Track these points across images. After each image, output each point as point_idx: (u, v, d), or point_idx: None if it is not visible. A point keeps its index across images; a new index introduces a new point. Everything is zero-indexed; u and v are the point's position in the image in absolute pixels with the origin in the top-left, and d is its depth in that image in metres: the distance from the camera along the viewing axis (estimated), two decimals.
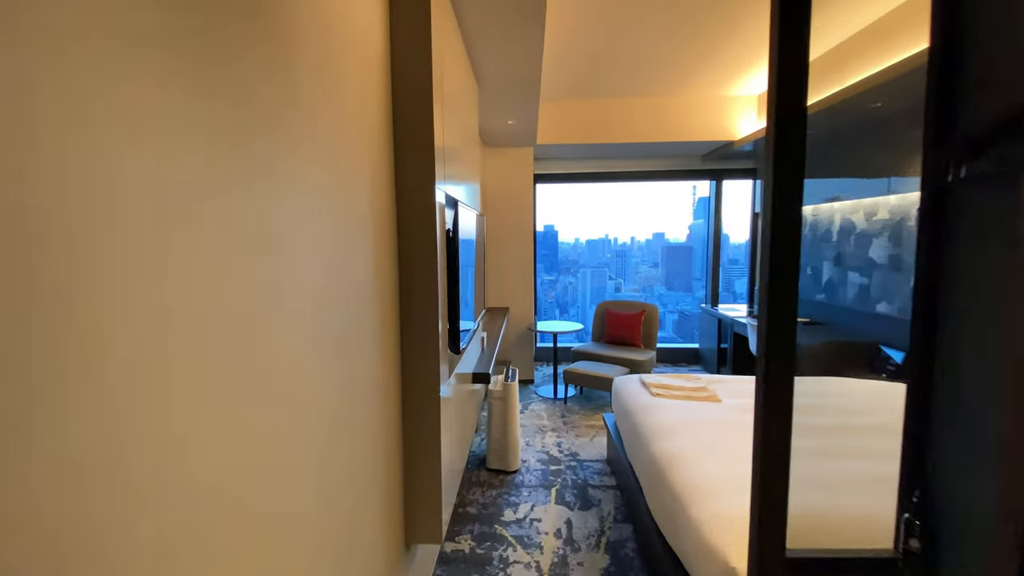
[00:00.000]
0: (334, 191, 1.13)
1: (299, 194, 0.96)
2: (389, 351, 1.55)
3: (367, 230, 1.35)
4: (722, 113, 4.63)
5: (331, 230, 1.12)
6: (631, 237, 32.65)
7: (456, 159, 2.15)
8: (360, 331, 1.30)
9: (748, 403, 2.57)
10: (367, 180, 1.36)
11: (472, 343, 2.75)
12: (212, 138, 0.69)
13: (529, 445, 3.45)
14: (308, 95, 1.01)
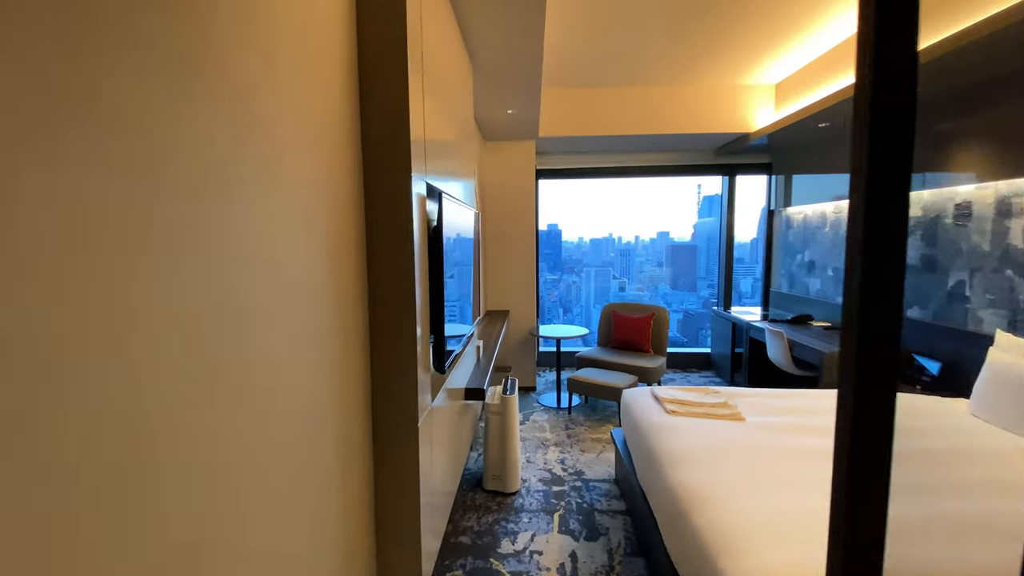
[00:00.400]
0: (251, 163, 0.86)
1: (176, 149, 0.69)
2: (350, 369, 1.27)
3: (313, 221, 1.08)
4: (737, 103, 4.34)
5: (242, 216, 0.84)
6: (635, 236, 32.20)
7: (445, 146, 1.88)
8: (301, 346, 1.03)
9: (776, 422, 2.29)
10: (316, 157, 1.09)
11: (466, 353, 2.48)
12: None
13: (530, 462, 3.18)
14: (221, 44, 0.73)
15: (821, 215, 4.36)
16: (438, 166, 1.73)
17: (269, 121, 0.89)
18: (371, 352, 1.37)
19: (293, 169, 0.98)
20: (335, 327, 1.19)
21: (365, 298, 1.35)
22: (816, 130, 4.02)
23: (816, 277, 4.44)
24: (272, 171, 0.90)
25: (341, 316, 1.24)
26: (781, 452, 1.97)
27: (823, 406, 2.48)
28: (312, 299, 1.07)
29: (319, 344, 1.10)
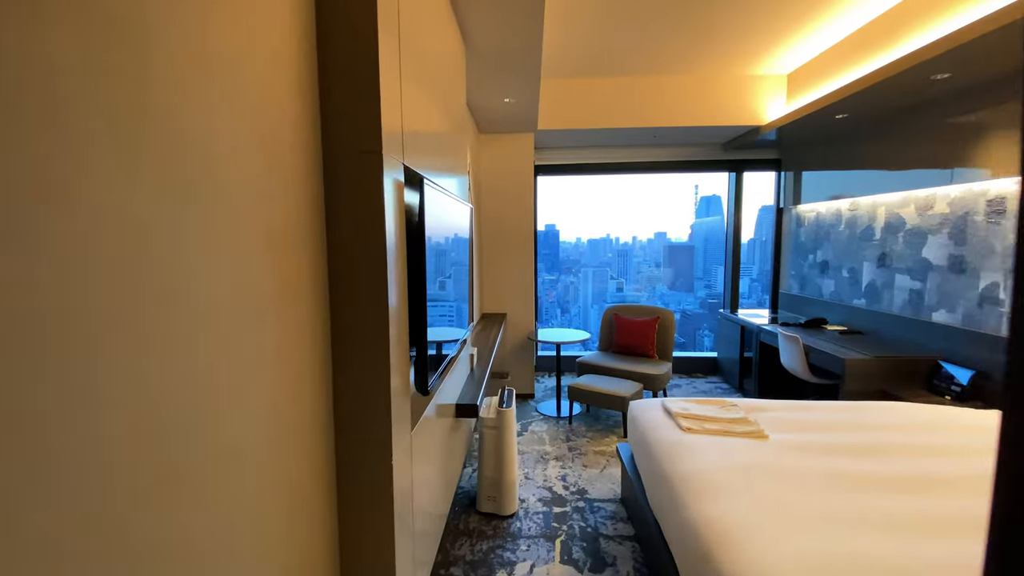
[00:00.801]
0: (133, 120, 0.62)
1: None
2: (304, 390, 1.03)
3: (249, 208, 0.84)
4: (747, 94, 4.11)
5: (142, 198, 0.60)
6: (633, 236, 32.05)
7: (430, 130, 1.64)
8: (235, 364, 0.79)
9: (804, 441, 2.05)
10: (261, 128, 0.85)
11: (459, 361, 2.24)
12: None
13: (529, 479, 2.94)
14: None
15: (836, 213, 4.14)
16: (421, 152, 1.48)
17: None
18: (333, 377, 1.13)
19: (207, 142, 0.74)
20: (281, 349, 0.95)
21: (325, 309, 1.11)
22: (831, 123, 3.79)
23: (830, 278, 4.22)
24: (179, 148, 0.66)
25: (291, 333, 1.00)
26: (815, 478, 1.73)
27: (855, 421, 2.25)
28: (244, 313, 0.83)
29: (255, 374, 0.86)
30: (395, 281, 1.18)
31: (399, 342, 1.21)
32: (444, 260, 1.90)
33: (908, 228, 3.35)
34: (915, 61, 2.59)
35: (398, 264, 1.20)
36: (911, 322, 3.30)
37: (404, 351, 1.27)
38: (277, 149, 0.92)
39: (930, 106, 3.09)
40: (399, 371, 1.22)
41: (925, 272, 3.21)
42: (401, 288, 1.23)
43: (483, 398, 2.39)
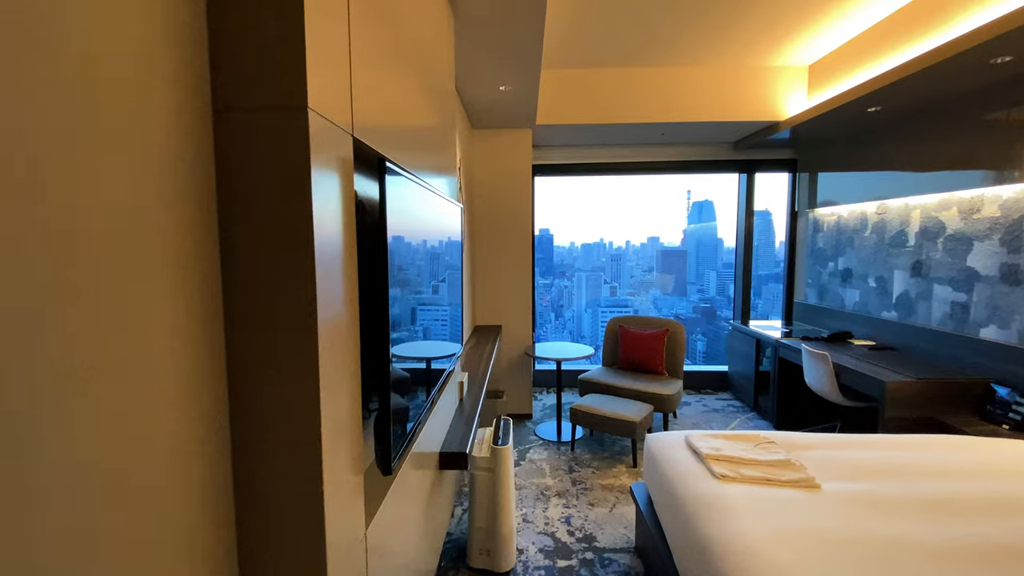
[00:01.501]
0: None
1: None
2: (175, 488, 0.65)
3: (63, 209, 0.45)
4: (764, 88, 3.77)
5: None
6: (626, 241, 31.67)
7: (399, 99, 1.26)
8: None
9: (866, 492, 1.68)
10: None
11: (446, 392, 1.85)
12: None
13: (527, 522, 2.55)
14: None
15: (860, 217, 3.80)
16: (385, 128, 1.10)
17: None
18: (233, 464, 0.74)
19: None
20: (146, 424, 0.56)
21: (217, 341, 0.72)
22: (859, 119, 3.45)
23: (854, 288, 3.87)
24: None
25: (198, 388, 0.63)
26: (897, 549, 1.36)
27: (918, 463, 1.88)
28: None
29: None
30: (336, 297, 0.80)
31: (340, 392, 0.83)
32: (424, 269, 1.52)
33: (949, 233, 3.01)
34: (972, 43, 2.25)
35: (344, 275, 0.82)
36: (953, 338, 2.95)
37: (352, 405, 0.89)
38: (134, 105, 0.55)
39: (981, 96, 2.75)
40: (343, 438, 0.84)
41: (971, 283, 2.86)
42: (347, 309, 0.85)
43: (475, 434, 2.00)
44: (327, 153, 0.76)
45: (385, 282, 0.92)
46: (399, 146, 1.23)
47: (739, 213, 4.87)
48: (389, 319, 0.94)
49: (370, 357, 0.96)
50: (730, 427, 3.85)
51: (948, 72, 2.52)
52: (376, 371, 0.96)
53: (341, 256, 0.81)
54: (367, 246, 0.93)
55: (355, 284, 0.87)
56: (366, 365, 0.96)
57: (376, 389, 0.97)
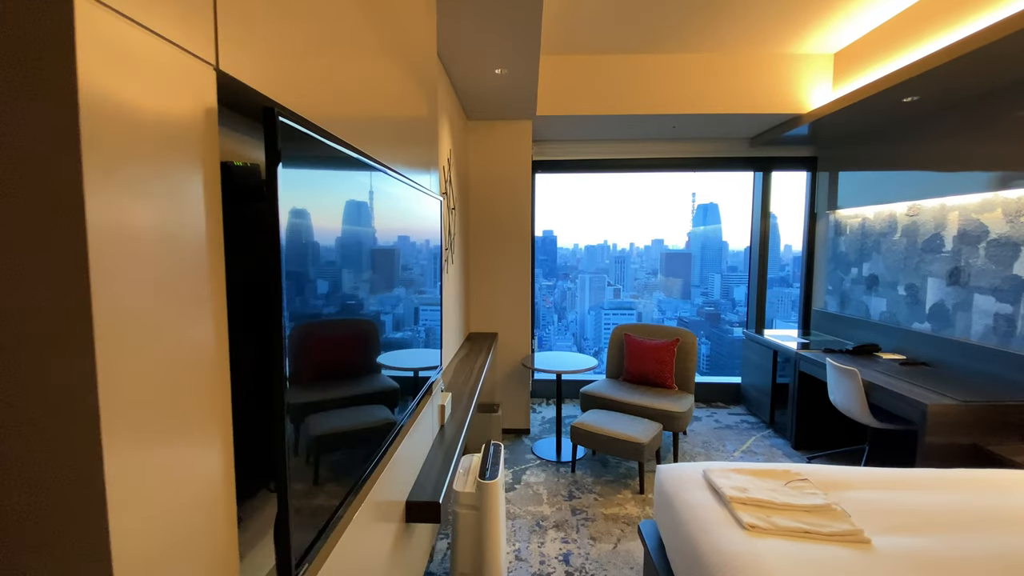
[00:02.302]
0: None
1: None
2: None
3: None
4: (786, 77, 3.46)
5: None
6: (630, 243, 31.92)
7: (326, 34, 0.97)
8: None
9: (921, 550, 1.38)
10: None
11: (419, 423, 1.56)
12: None
13: (520, 560, 2.25)
14: None
15: (888, 219, 3.49)
16: (301, 77, 0.81)
17: None
18: None
19: None
20: None
21: None
22: (885, 114, 3.15)
23: (880, 296, 3.56)
24: None
25: None
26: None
27: (984, 509, 1.57)
28: None
29: None
30: (157, 311, 0.50)
31: (178, 472, 0.53)
32: (384, 271, 1.23)
33: (993, 238, 2.70)
34: (1001, 34, 1.95)
35: (187, 277, 0.53)
36: (996, 354, 2.64)
37: (224, 494, 0.59)
38: None
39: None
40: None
41: (1018, 293, 2.55)
42: (198, 330, 0.55)
43: (456, 466, 1.71)
44: (136, 84, 0.46)
45: (278, 295, 0.62)
46: (332, 110, 0.94)
47: (754, 214, 4.56)
48: (283, 342, 0.65)
49: (257, 403, 0.67)
50: (744, 446, 3.55)
51: (1002, 54, 2.22)
52: (271, 425, 0.67)
53: (176, 250, 0.51)
54: (252, 238, 0.64)
55: (222, 294, 0.57)
56: (250, 417, 0.67)
57: (269, 455, 0.68)
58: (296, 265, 0.72)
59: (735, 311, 28.51)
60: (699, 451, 3.47)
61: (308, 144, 0.75)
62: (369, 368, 1.10)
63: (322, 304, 0.84)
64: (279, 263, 0.63)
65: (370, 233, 1.10)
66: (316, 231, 0.79)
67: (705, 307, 28.59)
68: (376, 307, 1.15)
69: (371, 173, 1.09)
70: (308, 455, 0.79)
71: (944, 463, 2.30)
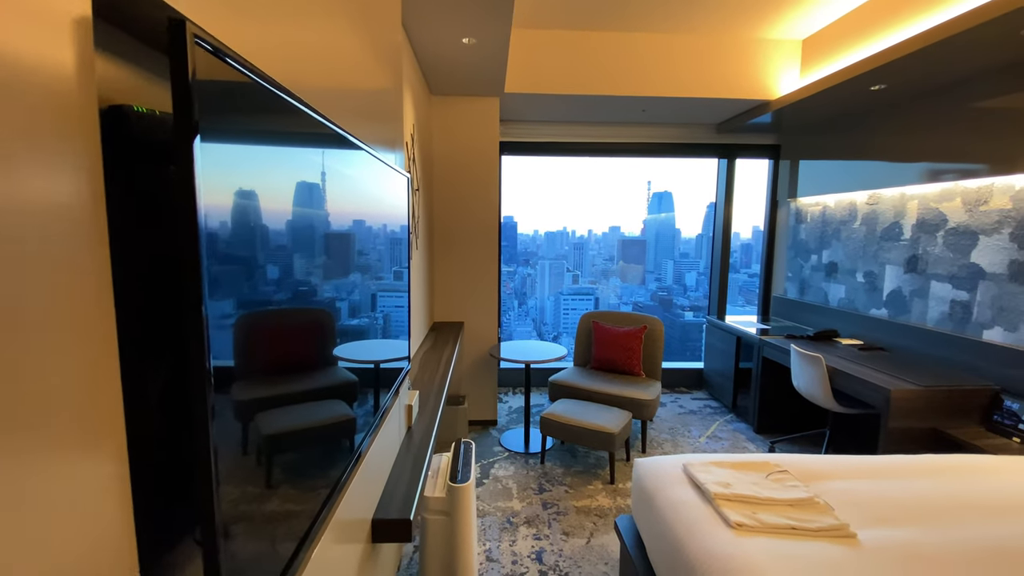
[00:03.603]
0: None
1: None
2: None
3: None
4: (755, 62, 3.43)
5: None
6: (588, 230, 32.24)
7: None
8: None
9: (908, 542, 1.36)
10: None
11: (385, 429, 1.40)
12: None
13: (491, 561, 2.14)
14: None
15: (849, 207, 3.55)
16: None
17: None
18: None
19: None
20: None
21: None
22: (849, 104, 3.18)
23: (839, 283, 3.64)
24: None
25: None
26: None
27: (966, 496, 1.58)
28: None
29: None
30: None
31: None
32: (343, 252, 1.06)
33: (951, 226, 2.78)
34: (1003, 10, 1.95)
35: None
36: (952, 340, 2.73)
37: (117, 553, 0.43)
38: None
39: (994, 77, 2.50)
40: None
41: (974, 280, 2.64)
42: (75, 344, 0.39)
43: (426, 472, 1.56)
44: None
45: (195, 280, 0.45)
46: (279, 66, 0.76)
47: (718, 201, 4.57)
48: (205, 335, 0.48)
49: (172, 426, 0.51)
50: (709, 431, 3.58)
51: (969, 45, 2.23)
52: (193, 456, 0.51)
53: (22, 225, 0.35)
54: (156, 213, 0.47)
55: (105, 281, 0.41)
56: (167, 442, 0.50)
57: (190, 493, 0.51)
58: (224, 246, 0.54)
59: (686, 296, 29.53)
60: (666, 438, 3.47)
61: (241, 87, 0.57)
62: (327, 371, 0.94)
63: (267, 296, 0.67)
64: (195, 242, 0.45)
65: (326, 209, 0.93)
66: (249, 202, 0.61)
67: (659, 292, 29.44)
68: (332, 295, 0.98)
69: (324, 136, 0.91)
70: (250, 488, 0.62)
71: (906, 447, 2.36)
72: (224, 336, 0.56)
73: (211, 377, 0.49)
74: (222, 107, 0.55)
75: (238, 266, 0.60)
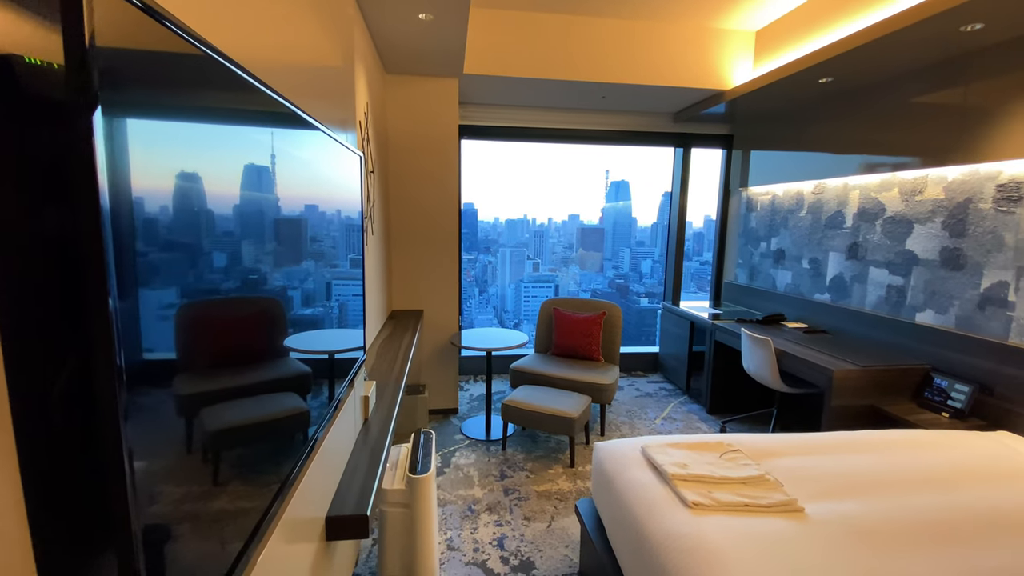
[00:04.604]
0: None
1: None
2: None
3: None
4: (710, 52, 3.49)
5: None
6: (548, 218, 32.56)
7: None
8: None
9: (851, 515, 1.43)
10: None
11: (339, 422, 1.34)
12: None
13: (453, 550, 2.13)
14: None
15: (796, 197, 3.70)
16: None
17: None
18: None
19: None
20: None
21: None
22: (799, 96, 3.29)
23: (786, 269, 3.80)
24: None
25: None
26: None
27: (902, 469, 1.68)
28: None
29: None
30: None
31: None
32: (282, 247, 0.99)
33: (889, 215, 2.93)
34: (945, 6, 2.05)
35: None
36: (887, 322, 2.91)
37: None
38: None
39: (936, 73, 2.63)
40: None
41: (909, 266, 2.81)
42: None
43: (384, 464, 1.51)
44: None
45: (98, 267, 0.39)
46: (210, 30, 0.68)
47: (674, 190, 4.66)
48: (113, 336, 0.42)
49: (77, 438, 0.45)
50: (664, 413, 3.69)
51: (912, 40, 2.34)
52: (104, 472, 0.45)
53: None
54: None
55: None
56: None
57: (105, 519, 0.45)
58: (134, 226, 0.48)
59: (642, 283, 30.45)
60: (624, 420, 3.55)
61: (164, 42, 0.50)
62: (272, 363, 0.87)
63: (193, 286, 0.60)
64: (96, 222, 0.39)
65: (265, 189, 0.85)
66: (174, 179, 0.54)
67: (616, 279, 30.20)
68: (270, 281, 0.91)
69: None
70: (182, 489, 0.56)
71: (847, 424, 2.50)
72: (137, 328, 0.50)
73: (122, 374, 0.43)
74: (134, 65, 0.47)
75: (157, 251, 0.54)
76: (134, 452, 0.47)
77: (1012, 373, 2.25)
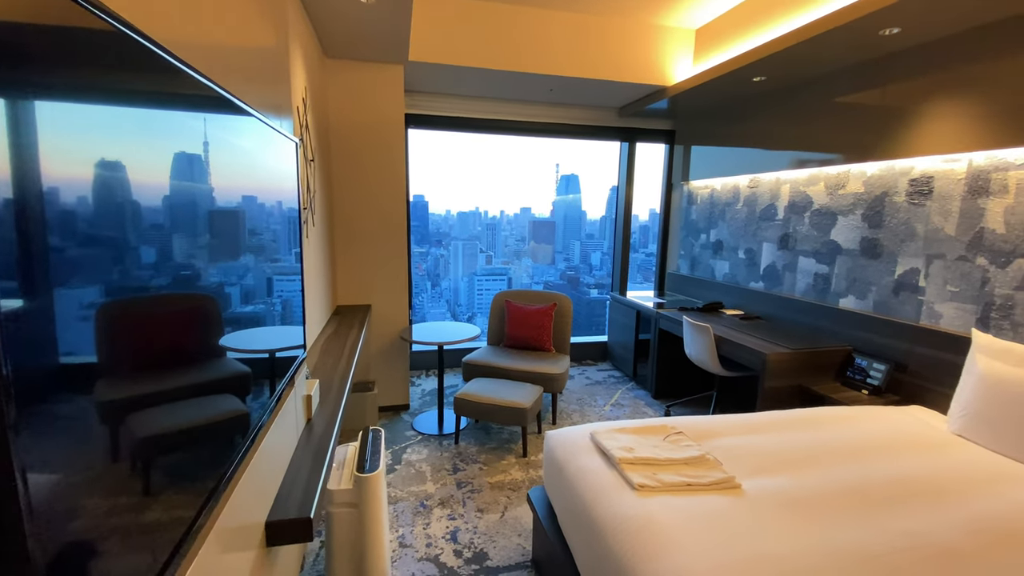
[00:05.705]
0: None
1: None
2: None
3: None
4: (653, 48, 3.57)
5: None
6: (501, 211, 32.53)
7: None
8: None
9: (784, 489, 1.53)
10: None
11: (279, 422, 1.28)
12: None
13: (405, 547, 2.09)
14: None
15: (733, 190, 3.88)
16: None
17: None
18: None
19: None
20: None
21: None
22: (735, 93, 3.44)
23: (724, 260, 3.99)
24: None
25: None
26: (844, 560, 1.18)
27: (827, 444, 1.81)
28: None
29: None
30: None
31: None
32: (216, 240, 0.93)
33: (816, 208, 3.13)
34: (865, 10, 2.19)
35: None
36: (815, 308, 3.12)
37: None
38: None
39: (859, 73, 2.81)
40: None
41: (833, 255, 3.01)
42: None
43: (329, 462, 1.46)
44: None
45: None
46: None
47: (620, 183, 4.77)
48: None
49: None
50: (613, 399, 3.79)
51: (836, 42, 2.49)
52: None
53: None
54: None
55: None
56: None
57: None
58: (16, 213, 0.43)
59: (592, 275, 31.11)
60: (575, 408, 3.61)
61: (65, 12, 0.44)
62: (198, 365, 0.81)
63: (99, 282, 0.54)
64: None
65: (196, 177, 0.79)
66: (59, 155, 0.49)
67: (567, 271, 30.69)
68: (211, 278, 0.85)
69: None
70: (96, 502, 0.51)
71: (779, 403, 2.66)
72: (39, 330, 0.45)
73: (8, 385, 0.38)
74: (36, 40, 0.42)
75: (75, 246, 0.48)
76: (28, 468, 0.42)
77: (923, 352, 2.46)
